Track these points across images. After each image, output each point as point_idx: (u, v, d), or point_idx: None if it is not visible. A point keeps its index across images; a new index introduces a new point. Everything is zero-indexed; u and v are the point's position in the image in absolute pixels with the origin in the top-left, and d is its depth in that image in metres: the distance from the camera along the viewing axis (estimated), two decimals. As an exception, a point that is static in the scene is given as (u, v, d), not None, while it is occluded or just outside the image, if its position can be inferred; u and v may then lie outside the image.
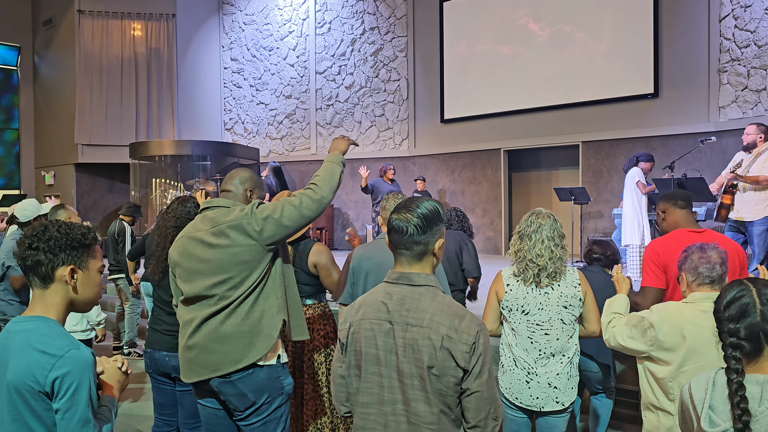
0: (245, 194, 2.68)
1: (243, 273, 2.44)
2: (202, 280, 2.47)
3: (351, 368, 1.90)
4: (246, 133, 14.09)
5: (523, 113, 10.80)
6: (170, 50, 13.40)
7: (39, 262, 1.68)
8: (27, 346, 1.59)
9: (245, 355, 2.43)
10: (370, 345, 1.84)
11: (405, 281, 1.86)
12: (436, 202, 1.93)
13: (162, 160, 12.41)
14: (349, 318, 1.93)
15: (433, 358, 1.75)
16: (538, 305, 2.82)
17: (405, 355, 1.78)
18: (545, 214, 2.92)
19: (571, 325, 2.85)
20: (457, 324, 1.77)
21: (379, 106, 12.60)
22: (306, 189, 2.54)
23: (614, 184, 9.69)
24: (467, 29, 11.50)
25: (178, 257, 2.58)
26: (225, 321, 2.44)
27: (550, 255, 2.82)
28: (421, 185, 10.74)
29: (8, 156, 15.11)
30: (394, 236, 1.87)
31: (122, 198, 13.33)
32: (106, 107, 13.13)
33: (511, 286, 2.89)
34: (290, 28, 13.52)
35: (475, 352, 1.76)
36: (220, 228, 2.47)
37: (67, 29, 13.50)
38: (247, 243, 2.44)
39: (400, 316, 1.81)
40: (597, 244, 4.05)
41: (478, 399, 1.78)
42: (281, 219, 2.44)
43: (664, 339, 2.32)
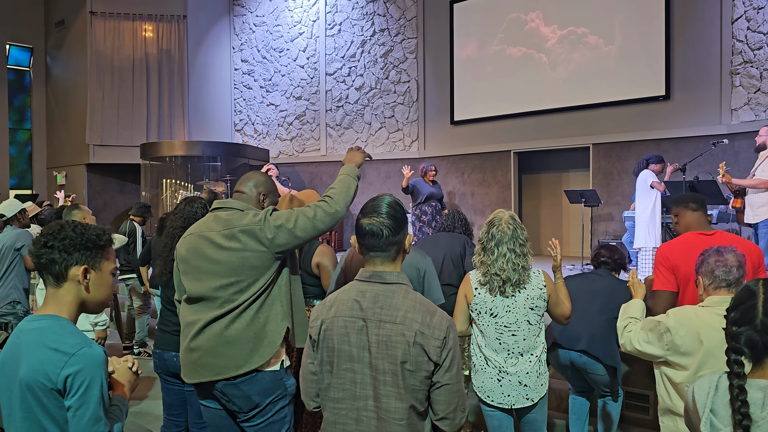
0: (258, 198, 2.68)
1: (251, 278, 2.45)
2: (210, 280, 2.47)
3: (323, 364, 1.93)
4: (256, 134, 14.13)
5: (533, 115, 10.76)
6: (181, 51, 13.46)
7: (53, 260, 1.70)
8: (39, 344, 1.60)
9: (248, 360, 2.43)
10: (343, 342, 1.89)
11: (377, 279, 1.92)
12: (394, 198, 1.99)
13: (173, 160, 12.47)
14: (321, 315, 1.97)
15: (407, 354, 1.80)
16: (506, 308, 2.91)
17: (378, 352, 1.83)
18: (505, 223, 2.95)
19: (537, 325, 2.94)
20: (429, 320, 1.83)
21: (389, 107, 12.60)
22: (321, 201, 2.54)
23: (625, 187, 9.64)
24: (477, 31, 11.48)
25: (186, 254, 2.58)
26: (230, 325, 2.44)
27: (513, 267, 2.89)
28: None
29: (20, 156, 15.23)
30: (370, 240, 1.91)
31: (133, 198, 13.40)
32: (118, 108, 13.21)
33: (480, 291, 2.98)
34: (300, 30, 13.55)
35: (446, 346, 1.82)
36: (232, 231, 2.47)
37: (79, 30, 13.59)
38: (258, 249, 2.44)
39: (374, 313, 1.86)
40: (605, 248, 4.08)
41: (448, 391, 1.83)
42: (294, 229, 2.45)
43: (681, 343, 2.31)
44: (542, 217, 11.24)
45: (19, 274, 4.75)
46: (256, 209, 2.59)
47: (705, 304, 2.38)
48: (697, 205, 3.26)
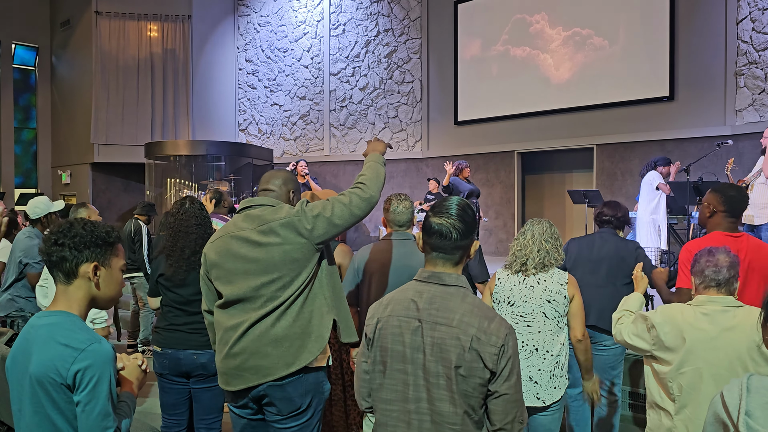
0: (288, 195, 2.63)
1: (293, 272, 2.39)
2: (248, 280, 2.41)
3: (376, 364, 1.90)
4: (260, 134, 14.16)
5: (537, 115, 10.77)
6: (186, 51, 13.50)
7: (64, 258, 1.71)
8: (50, 340, 1.62)
9: (297, 357, 2.37)
10: (396, 342, 1.85)
11: (436, 280, 1.87)
12: (466, 202, 1.95)
13: (177, 160, 12.50)
14: (377, 314, 1.94)
15: (461, 359, 1.75)
16: (523, 297, 2.92)
17: (432, 354, 1.79)
18: (540, 220, 3.08)
19: (553, 320, 2.90)
20: (486, 326, 1.78)
21: (393, 107, 12.62)
22: (354, 188, 2.50)
23: (628, 188, 9.64)
24: (481, 31, 11.49)
25: (217, 258, 2.50)
26: (276, 323, 2.38)
27: (539, 247, 2.95)
28: (434, 186, 10.71)
29: (25, 155, 15.28)
30: (437, 240, 1.86)
31: (137, 197, 13.43)
32: (123, 107, 13.24)
33: (501, 279, 3.02)
34: (305, 30, 13.58)
35: (504, 354, 1.76)
36: (269, 226, 2.41)
37: (84, 30, 13.64)
38: (298, 241, 2.39)
39: (429, 314, 1.82)
40: (607, 205, 3.95)
41: (506, 402, 1.78)
42: (332, 218, 2.40)
43: (665, 339, 2.36)
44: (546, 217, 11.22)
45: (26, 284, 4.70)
46: (289, 204, 2.54)
47: (692, 303, 2.42)
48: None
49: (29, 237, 4.74)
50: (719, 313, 2.32)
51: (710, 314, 2.33)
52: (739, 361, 2.24)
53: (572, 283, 2.95)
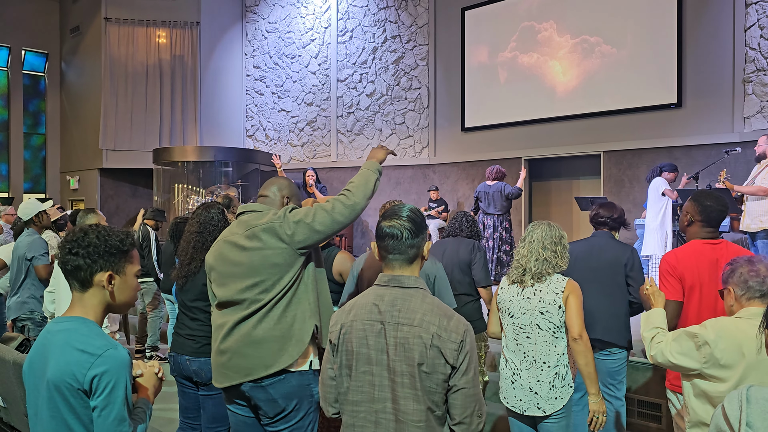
0: (282, 201, 2.70)
1: (274, 276, 2.45)
2: (235, 283, 2.49)
3: (342, 368, 1.96)
4: (267, 140, 14.21)
5: (544, 122, 10.77)
6: (194, 57, 13.57)
7: (78, 267, 1.73)
8: (67, 345, 1.63)
9: (277, 360, 2.43)
10: (361, 345, 1.92)
11: (395, 284, 1.95)
12: (416, 208, 2.04)
13: (185, 165, 12.55)
14: (340, 320, 2.00)
15: (423, 356, 1.83)
16: (521, 309, 2.93)
17: (396, 354, 1.86)
18: (540, 223, 3.05)
19: (548, 332, 2.89)
20: (446, 323, 1.86)
21: (400, 114, 12.64)
22: (340, 195, 2.55)
23: (636, 194, 9.62)
24: (489, 38, 11.52)
25: (214, 261, 2.61)
26: (257, 325, 2.45)
27: (537, 256, 2.92)
28: (435, 195, 10.70)
29: (34, 160, 15.38)
30: (389, 242, 1.95)
31: (145, 203, 13.50)
32: (131, 113, 13.32)
33: (504, 288, 3.03)
34: (312, 36, 13.63)
35: (463, 349, 1.85)
36: (253, 231, 2.49)
37: (93, 36, 13.74)
38: (279, 246, 2.45)
39: (392, 316, 1.90)
40: (603, 207, 3.88)
41: (465, 395, 1.85)
42: (313, 224, 2.45)
43: (721, 356, 2.24)
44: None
45: (35, 282, 4.75)
46: (275, 209, 2.60)
47: (743, 316, 2.32)
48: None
49: (28, 235, 4.84)
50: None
51: None
52: None
53: (569, 287, 2.90)
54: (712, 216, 3.06)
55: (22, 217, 4.96)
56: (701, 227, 3.10)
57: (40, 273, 4.71)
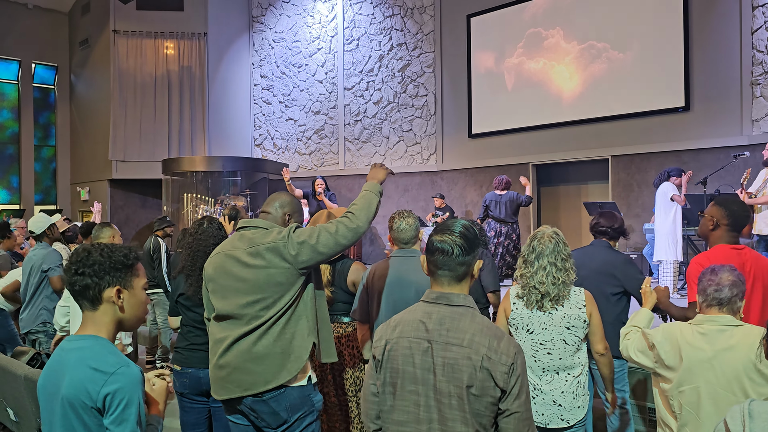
0: (284, 217, 2.75)
1: (276, 294, 2.50)
2: (237, 298, 2.53)
3: (386, 385, 1.92)
4: (275, 148, 14.27)
5: (552, 127, 10.77)
6: (202, 68, 13.67)
7: (86, 286, 1.76)
8: (81, 363, 1.66)
9: (276, 375, 2.48)
10: (407, 363, 1.87)
11: (444, 301, 1.90)
12: (472, 223, 1.99)
13: (193, 175, 12.62)
14: (385, 335, 1.96)
15: (473, 378, 1.78)
16: (542, 325, 2.85)
17: (443, 374, 1.81)
18: (547, 237, 2.91)
19: (573, 345, 2.85)
20: (496, 345, 1.80)
21: (407, 121, 12.67)
22: (343, 217, 2.59)
23: (645, 199, 9.59)
24: (495, 44, 11.53)
25: (214, 273, 2.64)
26: (257, 341, 2.49)
27: (553, 281, 2.82)
28: (439, 203, 10.68)
29: (45, 172, 15.51)
30: (439, 257, 1.90)
31: (155, 213, 13.57)
32: (140, 124, 13.42)
33: (517, 305, 2.92)
34: (319, 45, 13.70)
35: (514, 372, 1.79)
36: (257, 249, 2.53)
37: (102, 49, 13.86)
38: (282, 266, 2.49)
39: (440, 335, 1.84)
40: (604, 216, 3.84)
41: (517, 420, 1.80)
42: (317, 245, 2.49)
43: (665, 357, 2.39)
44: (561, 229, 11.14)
45: (49, 294, 4.80)
46: (280, 228, 2.63)
47: (692, 321, 2.43)
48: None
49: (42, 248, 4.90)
50: (716, 333, 2.32)
51: (707, 334, 2.33)
52: (736, 381, 2.25)
53: (589, 300, 2.91)
54: (738, 221, 3.08)
55: (34, 231, 5.03)
56: (727, 231, 3.10)
57: (55, 284, 4.77)
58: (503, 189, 8.87)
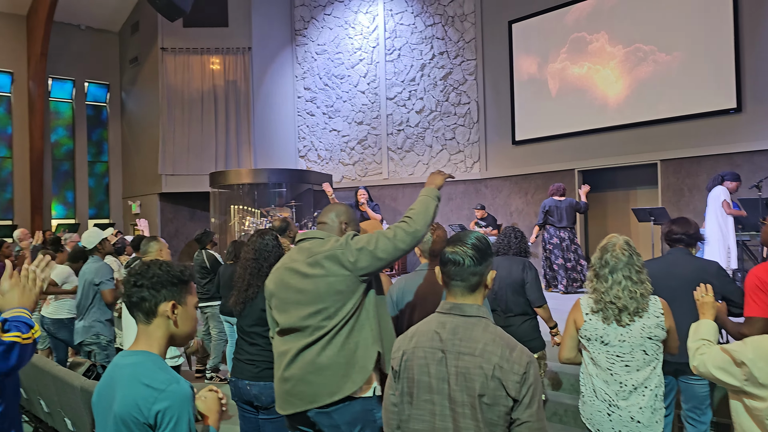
0: (341, 227, 2.73)
1: (337, 303, 2.47)
2: (298, 310, 2.53)
3: (403, 395, 1.96)
4: (319, 159, 14.41)
5: (597, 132, 10.59)
6: (246, 82, 13.93)
7: (143, 298, 1.80)
8: (133, 380, 1.70)
9: (341, 387, 2.45)
10: (422, 373, 1.91)
11: (457, 312, 1.94)
12: (482, 235, 2.02)
13: (240, 188, 12.85)
14: (402, 346, 2.00)
15: (484, 387, 1.80)
16: (619, 336, 2.73)
17: (457, 383, 1.84)
18: (619, 249, 2.78)
19: (653, 355, 2.74)
20: (508, 354, 1.83)
21: (450, 129, 12.64)
22: (401, 222, 2.56)
23: (696, 204, 9.32)
24: (537, 50, 11.42)
25: (274, 288, 2.65)
26: (321, 352, 2.47)
27: (630, 294, 2.71)
28: (481, 213, 10.58)
29: (98, 187, 16.03)
30: (451, 268, 1.95)
31: (203, 225, 13.80)
32: (188, 139, 13.75)
33: (591, 317, 2.81)
34: (361, 56, 13.81)
35: (526, 382, 1.80)
36: (315, 258, 2.52)
37: (151, 66, 14.28)
38: (342, 273, 2.47)
39: (453, 345, 1.88)
40: (676, 223, 3.67)
41: (529, 429, 1.81)
42: (375, 251, 2.47)
43: (759, 375, 2.17)
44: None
45: (101, 307, 4.95)
46: (337, 236, 2.63)
47: None
48: None
49: (94, 262, 5.06)
50: None
51: None
52: None
53: (666, 309, 2.79)
54: None
55: (87, 245, 5.18)
56: None
57: (106, 297, 4.90)
58: (561, 195, 8.89)
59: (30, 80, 14.26)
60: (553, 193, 8.95)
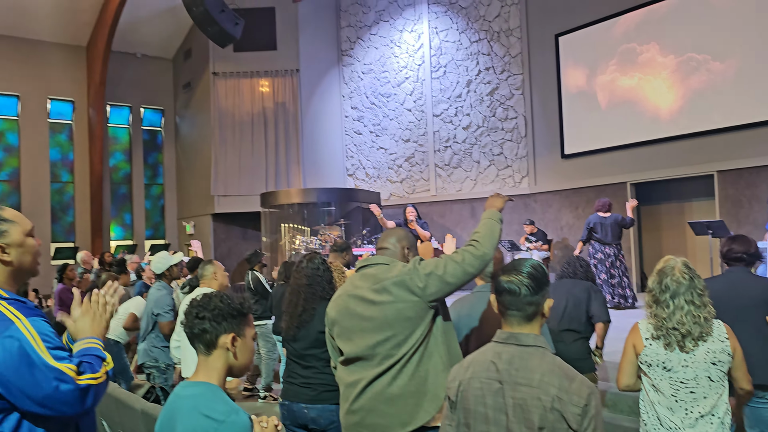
0: (403, 251, 2.68)
1: (407, 330, 2.41)
2: (364, 338, 2.47)
3: (460, 426, 1.93)
4: (367, 177, 14.52)
5: (649, 144, 10.36)
6: (295, 103, 14.20)
7: (204, 330, 1.86)
8: (193, 411, 1.75)
9: (413, 417, 2.38)
10: (479, 403, 1.88)
11: (514, 341, 1.90)
12: (538, 262, 1.98)
13: (290, 207, 13.05)
14: (458, 376, 1.97)
15: (543, 419, 1.76)
16: (682, 362, 2.61)
17: (514, 415, 1.81)
18: (679, 272, 2.65)
19: (719, 382, 2.61)
20: (567, 385, 1.78)
21: (497, 144, 12.58)
22: (467, 246, 2.51)
23: (756, 215, 9.00)
24: (585, 62, 11.28)
25: (337, 315, 2.59)
26: (392, 382, 2.40)
27: (694, 320, 2.59)
28: (530, 229, 10.43)
29: (154, 209, 16.53)
30: (506, 297, 1.91)
31: (255, 245, 14.07)
32: (239, 160, 14.09)
33: (651, 343, 2.69)
34: (406, 74, 13.90)
35: (587, 414, 1.75)
36: (383, 284, 2.46)
37: (203, 91, 14.71)
38: (411, 299, 2.41)
39: (510, 375, 1.85)
40: (736, 241, 3.52)
41: None
42: (444, 276, 2.40)
43: None
44: (665, 251, 10.68)
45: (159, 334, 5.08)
46: (402, 262, 2.58)
47: None
48: None
49: (158, 290, 5.19)
50: None
51: None
52: None
53: (731, 335, 2.67)
54: None
55: (155, 271, 5.32)
56: None
57: (163, 329, 5.02)
58: (606, 211, 8.79)
59: (90, 108, 14.88)
60: (599, 208, 8.89)
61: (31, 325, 1.76)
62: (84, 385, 1.76)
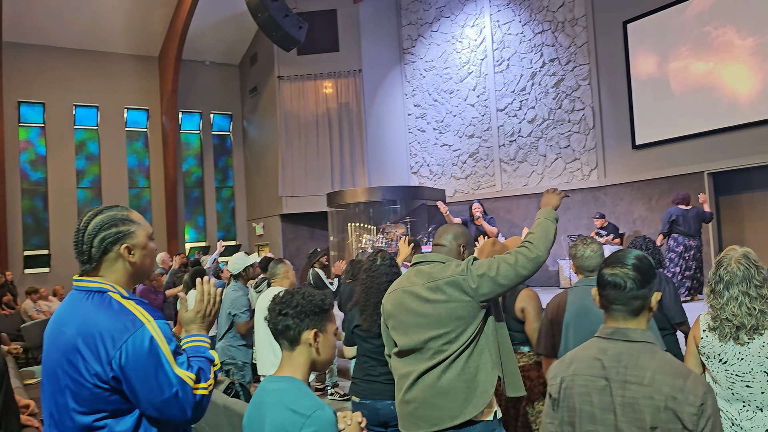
0: (458, 249, 2.73)
1: (459, 328, 2.48)
2: (418, 333, 2.54)
3: (563, 425, 1.87)
4: (431, 175, 14.49)
5: (728, 131, 9.89)
6: (358, 103, 14.33)
7: (288, 326, 1.91)
8: (280, 404, 1.80)
9: (462, 411, 2.45)
10: (584, 402, 1.81)
11: (620, 337, 1.82)
12: (644, 253, 1.88)
13: (356, 206, 13.18)
14: (560, 373, 1.91)
15: (656, 419, 1.68)
16: (737, 355, 2.55)
17: (624, 414, 1.73)
18: (735, 263, 2.57)
19: None
20: (681, 384, 1.69)
21: (564, 137, 12.31)
22: (521, 247, 2.53)
23: None
24: (656, 48, 10.89)
25: (392, 309, 2.68)
26: (442, 376, 2.49)
27: (748, 311, 2.51)
28: (600, 222, 10.14)
29: (225, 211, 17.03)
30: (610, 291, 1.83)
31: (322, 244, 14.30)
32: (305, 161, 14.35)
33: (708, 335, 2.65)
34: (469, 70, 13.79)
35: (704, 414, 1.66)
36: (437, 284, 2.53)
37: (269, 94, 15.04)
38: (463, 299, 2.48)
39: (618, 373, 1.77)
40: None
41: None
42: (497, 277, 2.45)
43: None
44: (747, 243, 10.18)
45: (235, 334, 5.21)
46: (457, 261, 2.63)
47: None
48: None
49: (234, 290, 5.32)
50: None
51: None
52: None
53: None
54: None
55: (232, 271, 5.46)
56: None
57: (239, 329, 5.16)
58: (687, 204, 8.69)
59: (163, 115, 15.48)
60: (679, 201, 8.69)
61: (159, 327, 1.76)
62: (199, 396, 1.77)
